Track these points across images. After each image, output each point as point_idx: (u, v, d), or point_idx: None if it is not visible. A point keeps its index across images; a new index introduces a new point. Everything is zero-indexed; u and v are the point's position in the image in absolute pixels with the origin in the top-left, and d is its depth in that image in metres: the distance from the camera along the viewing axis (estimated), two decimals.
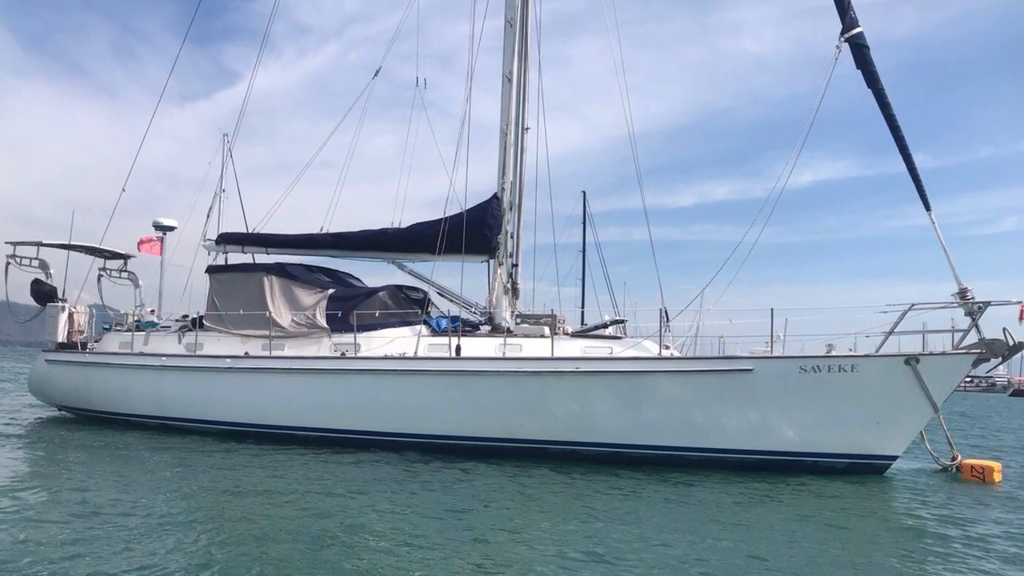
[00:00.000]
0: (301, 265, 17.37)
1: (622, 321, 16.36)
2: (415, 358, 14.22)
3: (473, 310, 16.55)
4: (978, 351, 12.10)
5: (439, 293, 16.92)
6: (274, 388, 15.11)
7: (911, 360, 12.07)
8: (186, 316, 17.74)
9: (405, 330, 14.98)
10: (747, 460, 12.71)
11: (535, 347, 13.97)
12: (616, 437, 13.12)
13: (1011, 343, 11.95)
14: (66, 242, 19.15)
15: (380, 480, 11.03)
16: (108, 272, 20.02)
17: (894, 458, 12.65)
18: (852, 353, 12.68)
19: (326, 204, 18.72)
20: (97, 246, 19.51)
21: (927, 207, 12.77)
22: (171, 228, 21.98)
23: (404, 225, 17.23)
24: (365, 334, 14.91)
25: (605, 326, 15.81)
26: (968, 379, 64.52)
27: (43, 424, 17.33)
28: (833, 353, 12.59)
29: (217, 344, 16.24)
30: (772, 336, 12.82)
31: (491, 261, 16.45)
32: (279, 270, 16.59)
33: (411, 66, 18.87)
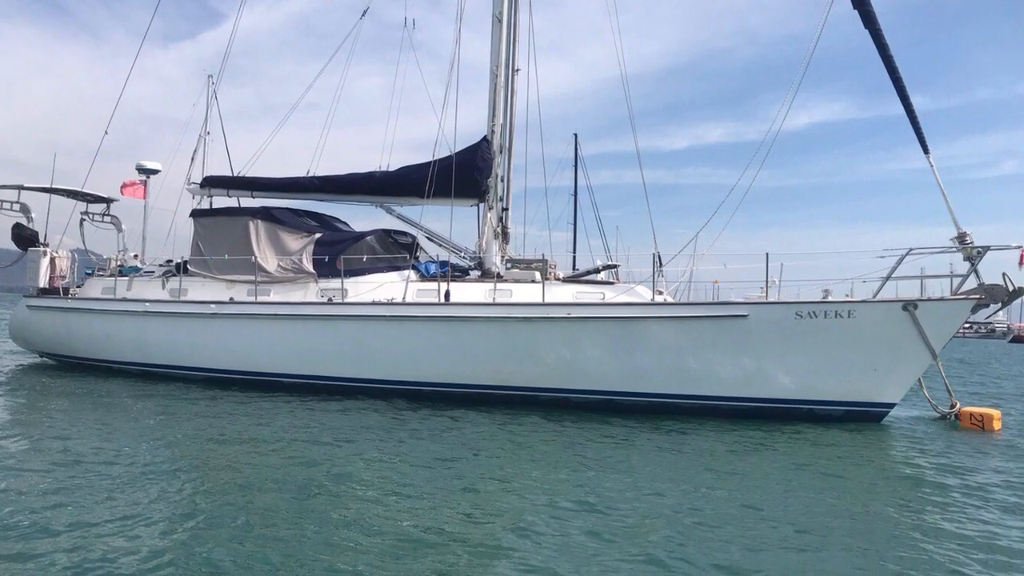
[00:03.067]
0: (287, 209, 17.03)
1: (614, 266, 16.13)
2: (403, 304, 13.98)
3: (463, 255, 16.30)
4: (977, 296, 11.95)
5: (428, 237, 16.69)
6: (260, 334, 14.89)
7: (909, 306, 11.91)
8: (170, 261, 17.51)
9: (393, 275, 14.73)
10: (742, 407, 12.61)
11: (526, 292, 13.75)
12: (608, 384, 12.99)
13: (1011, 288, 11.79)
14: (48, 185, 18.87)
15: (368, 428, 10.90)
16: (91, 216, 19.82)
17: (892, 405, 12.57)
18: (849, 299, 12.54)
19: (313, 147, 18.34)
20: (79, 189, 19.26)
21: (925, 150, 12.52)
22: (155, 171, 21.52)
23: (392, 168, 16.86)
24: (352, 279, 14.67)
25: (597, 271, 15.61)
26: (967, 325, 65.06)
27: (24, 371, 17.20)
28: (830, 298, 12.47)
29: (201, 289, 16.00)
30: (767, 281, 12.64)
31: (481, 205, 16.16)
32: (265, 214, 16.28)
33: (399, 6, 18.37)
